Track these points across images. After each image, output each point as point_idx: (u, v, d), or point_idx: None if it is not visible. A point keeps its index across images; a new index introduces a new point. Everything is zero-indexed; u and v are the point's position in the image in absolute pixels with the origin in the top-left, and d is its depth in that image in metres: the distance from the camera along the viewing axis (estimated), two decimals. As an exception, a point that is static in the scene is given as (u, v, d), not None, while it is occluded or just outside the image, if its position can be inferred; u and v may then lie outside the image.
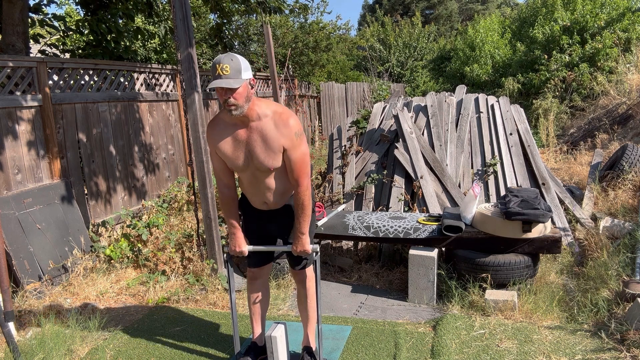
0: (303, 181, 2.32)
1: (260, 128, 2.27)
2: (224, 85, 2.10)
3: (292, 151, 2.28)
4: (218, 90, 2.17)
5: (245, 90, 2.18)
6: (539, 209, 3.34)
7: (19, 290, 3.64)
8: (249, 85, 2.20)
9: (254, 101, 2.25)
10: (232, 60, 2.14)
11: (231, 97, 2.14)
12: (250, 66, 2.24)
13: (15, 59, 4.05)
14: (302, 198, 2.34)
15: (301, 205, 2.35)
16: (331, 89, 12.07)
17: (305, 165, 2.33)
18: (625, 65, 9.82)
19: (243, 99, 2.17)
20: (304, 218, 2.38)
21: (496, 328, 3.03)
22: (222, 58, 2.14)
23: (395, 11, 25.31)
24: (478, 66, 13.13)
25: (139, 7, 6.50)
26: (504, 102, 5.34)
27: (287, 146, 2.27)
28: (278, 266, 3.93)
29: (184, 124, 6.16)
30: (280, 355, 2.52)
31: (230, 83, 2.11)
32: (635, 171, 5.00)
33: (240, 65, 2.15)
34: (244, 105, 2.19)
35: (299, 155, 2.30)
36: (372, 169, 4.98)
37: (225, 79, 2.11)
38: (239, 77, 2.14)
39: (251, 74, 2.22)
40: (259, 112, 2.27)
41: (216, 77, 2.13)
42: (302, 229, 2.40)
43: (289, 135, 2.26)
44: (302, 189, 2.33)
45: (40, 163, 4.25)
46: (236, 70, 2.13)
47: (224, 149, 2.34)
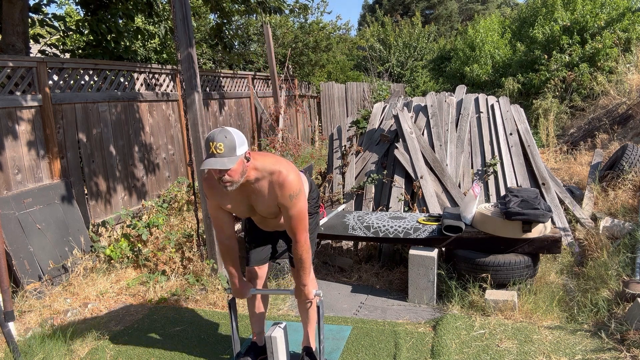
0: (300, 237, 2.30)
1: (258, 189, 2.28)
2: (218, 167, 2.04)
3: (288, 210, 2.27)
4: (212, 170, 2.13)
5: (241, 166, 2.12)
6: (539, 209, 3.34)
7: (19, 290, 3.64)
8: (244, 159, 2.14)
9: (250, 168, 2.21)
10: (227, 138, 2.06)
11: (226, 174, 2.10)
12: (245, 140, 2.17)
13: (15, 59, 4.05)
14: (300, 253, 2.33)
15: (300, 260, 2.35)
16: (331, 89, 12.07)
17: (302, 221, 2.29)
18: (625, 65, 9.82)
19: (238, 175, 2.13)
20: (303, 272, 2.39)
21: (496, 328, 3.03)
22: (216, 135, 2.06)
23: (395, 11, 25.30)
24: (478, 66, 13.13)
25: (139, 7, 6.50)
26: (504, 102, 5.34)
27: (282, 205, 2.27)
28: (278, 266, 3.93)
29: (184, 124, 6.16)
30: (280, 355, 2.52)
31: (225, 163, 2.05)
32: (635, 171, 5.00)
33: (235, 141, 2.08)
34: (239, 181, 2.15)
35: (295, 214, 2.27)
36: (372, 169, 4.98)
37: (219, 158, 2.05)
38: (233, 154, 2.07)
39: (247, 146, 2.16)
40: (256, 175, 2.25)
41: (209, 156, 2.07)
42: (304, 281, 2.42)
43: (284, 198, 2.24)
44: (299, 245, 2.32)
45: (40, 163, 4.24)
46: (230, 147, 2.06)
47: (226, 204, 2.37)
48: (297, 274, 2.40)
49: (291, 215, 2.27)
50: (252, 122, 8.71)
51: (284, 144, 8.48)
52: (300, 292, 2.46)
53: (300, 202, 2.28)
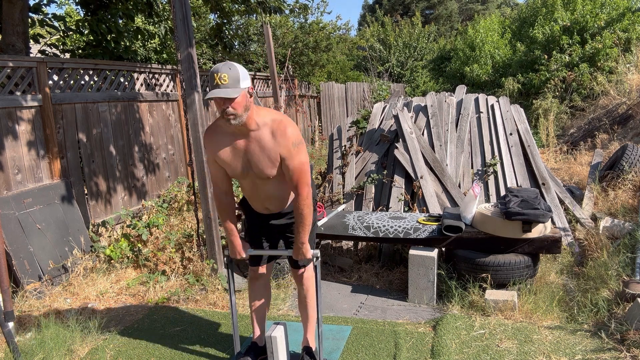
0: (302, 190, 2.29)
1: (259, 137, 2.25)
2: (222, 95, 2.07)
3: (290, 161, 2.25)
4: (216, 100, 2.14)
5: (244, 100, 2.14)
6: (539, 209, 3.34)
7: (19, 290, 3.64)
8: (247, 94, 2.17)
9: (252, 110, 2.22)
10: (231, 69, 2.11)
11: (229, 106, 2.11)
12: (249, 75, 2.21)
13: (15, 59, 4.05)
14: (302, 207, 2.31)
15: (301, 215, 2.33)
16: (331, 89, 12.06)
17: (304, 174, 2.29)
18: (625, 65, 9.82)
19: (242, 108, 2.14)
20: (303, 228, 2.36)
21: (496, 328, 3.03)
22: (220, 67, 2.11)
23: (395, 11, 25.30)
24: (478, 66, 13.12)
25: (139, 7, 6.50)
26: (504, 102, 5.34)
27: (285, 155, 2.24)
28: (278, 266, 3.93)
29: (184, 124, 6.16)
30: (280, 355, 2.52)
31: (229, 92, 2.08)
32: (635, 171, 5.00)
33: (239, 74, 2.12)
34: (242, 115, 2.16)
35: (297, 165, 2.26)
36: (372, 169, 4.98)
37: (223, 88, 2.08)
38: (237, 86, 2.11)
39: (250, 82, 2.20)
40: (258, 121, 2.24)
41: (214, 87, 2.10)
42: (302, 238, 2.39)
43: (286, 145, 2.23)
44: (301, 199, 2.30)
45: (40, 163, 4.25)
46: (235, 79, 2.10)
47: (223, 157, 2.33)
48: (297, 230, 2.38)
49: (293, 167, 2.26)
50: (252, 122, 8.68)
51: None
52: (299, 250, 2.42)
53: (302, 153, 2.28)
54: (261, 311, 2.77)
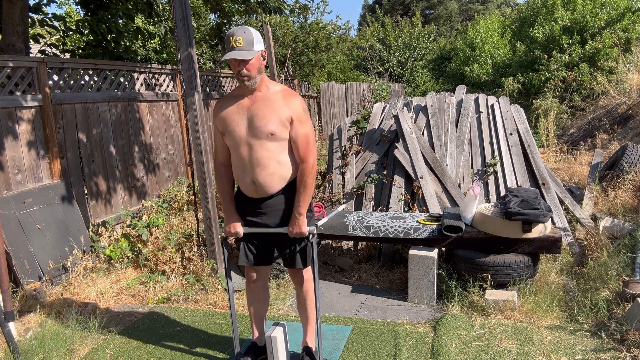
0: (309, 157, 2.36)
1: (267, 98, 2.34)
2: (237, 57, 2.18)
3: (300, 125, 2.33)
4: (232, 62, 2.25)
5: (258, 62, 2.26)
6: (539, 209, 3.34)
7: (19, 290, 3.64)
8: (261, 56, 2.28)
9: (264, 76, 2.33)
10: (245, 33, 2.22)
11: (244, 68, 2.22)
12: (262, 38, 2.32)
13: (15, 59, 4.05)
14: (306, 176, 2.35)
15: (304, 184, 2.35)
16: (331, 89, 12.06)
17: (312, 145, 2.37)
18: (625, 65, 9.81)
19: (255, 70, 2.25)
20: (304, 197, 2.36)
21: (496, 328, 3.03)
22: (236, 31, 2.22)
23: (395, 11, 25.30)
24: (478, 66, 13.12)
25: (139, 7, 6.50)
26: (504, 102, 5.34)
27: (295, 118, 2.32)
28: (278, 266, 3.93)
29: (184, 124, 6.16)
30: (280, 355, 2.52)
31: (244, 55, 2.19)
32: (635, 171, 5.00)
33: (253, 37, 2.23)
34: (256, 76, 2.27)
35: (307, 131, 2.35)
36: (372, 169, 4.98)
37: (238, 50, 2.20)
38: (251, 49, 2.22)
39: (263, 45, 2.31)
40: (269, 86, 2.36)
41: (230, 50, 2.21)
42: (300, 208, 2.37)
43: (297, 109, 2.32)
44: (307, 166, 2.35)
45: (40, 163, 4.24)
46: (249, 42, 2.21)
47: (225, 115, 2.38)
48: (297, 199, 2.37)
49: (304, 133, 2.34)
50: (252, 122, 8.69)
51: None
52: (295, 221, 2.38)
53: (310, 124, 2.39)
54: (261, 311, 2.76)
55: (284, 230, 2.43)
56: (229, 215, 2.51)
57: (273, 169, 2.36)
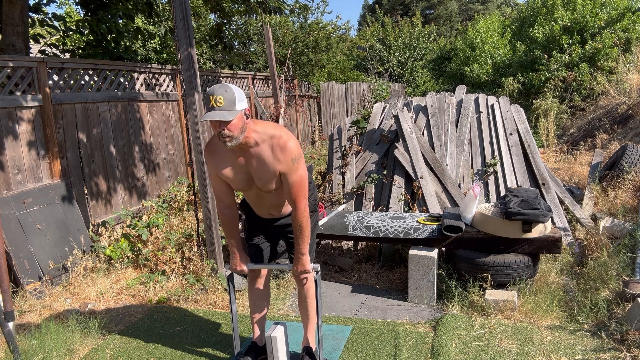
0: (300, 204, 2.31)
1: (258, 153, 2.26)
2: (217, 118, 2.05)
3: (289, 175, 2.26)
4: (212, 122, 2.12)
5: (240, 122, 2.13)
6: (539, 209, 3.34)
7: (19, 290, 3.64)
8: (243, 115, 2.15)
9: (250, 128, 2.21)
10: (226, 92, 2.09)
11: (225, 128, 2.10)
12: (245, 97, 2.19)
13: (15, 59, 4.05)
14: (300, 220, 2.33)
15: (299, 227, 2.34)
16: (331, 89, 12.06)
17: (303, 188, 2.31)
18: (625, 65, 9.81)
19: (238, 130, 2.13)
20: (302, 239, 2.37)
21: (496, 328, 3.03)
22: (216, 89, 2.09)
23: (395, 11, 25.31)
24: (478, 66, 13.12)
25: (139, 7, 6.50)
26: (504, 102, 5.34)
27: (284, 171, 2.26)
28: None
29: (184, 124, 6.16)
30: (280, 355, 2.52)
31: (224, 115, 2.06)
32: (635, 171, 5.00)
33: (235, 96, 2.10)
34: (239, 137, 2.15)
35: (296, 179, 2.28)
36: (372, 169, 4.98)
37: (219, 111, 2.07)
38: (233, 108, 2.09)
39: (246, 104, 2.18)
40: (256, 138, 2.24)
41: (210, 109, 2.08)
42: (302, 249, 2.40)
43: (286, 161, 2.24)
44: (299, 212, 2.32)
45: (40, 163, 4.25)
46: (230, 101, 2.09)
47: (225, 173, 2.35)
48: (296, 242, 2.39)
49: (292, 182, 2.28)
50: (252, 122, 8.69)
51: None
52: (298, 260, 2.42)
53: (301, 167, 2.30)
54: (261, 311, 2.77)
55: (288, 267, 2.53)
56: (235, 254, 2.52)
57: (284, 202, 2.49)
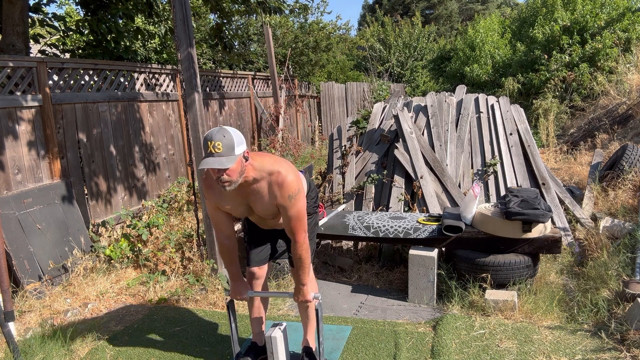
0: (299, 237, 2.30)
1: (256, 189, 2.28)
2: (216, 166, 2.03)
3: (287, 210, 2.26)
4: (211, 169, 2.12)
5: (239, 166, 2.11)
6: (539, 209, 3.34)
7: (19, 290, 3.64)
8: (243, 159, 2.13)
9: (249, 167, 2.20)
10: (225, 137, 2.06)
11: (224, 174, 2.09)
12: (244, 139, 2.17)
13: (15, 59, 4.05)
14: (300, 253, 2.33)
15: (299, 259, 2.34)
16: (331, 89, 12.06)
17: (301, 221, 2.29)
18: (625, 65, 9.81)
19: (237, 174, 2.12)
20: (303, 270, 2.38)
21: (496, 328, 3.03)
22: (214, 134, 2.06)
23: (395, 11, 25.31)
24: (478, 66, 13.12)
25: (139, 7, 6.50)
26: (504, 102, 5.34)
27: (281, 205, 2.27)
28: (278, 266, 3.93)
29: (184, 124, 6.16)
30: (280, 355, 2.52)
31: (223, 162, 2.04)
32: (635, 171, 4.99)
33: (233, 140, 2.07)
34: (237, 180, 2.14)
35: (294, 214, 2.26)
36: (372, 169, 4.98)
37: (217, 157, 2.04)
38: (232, 153, 2.06)
39: (245, 146, 2.16)
40: (254, 176, 2.24)
41: (208, 155, 2.06)
42: (303, 280, 2.41)
43: (283, 198, 2.23)
44: (298, 245, 2.31)
45: (40, 163, 4.24)
46: (229, 147, 2.05)
47: (225, 204, 2.36)
48: (297, 274, 2.40)
49: (290, 216, 2.27)
50: (252, 122, 8.71)
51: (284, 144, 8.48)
52: (299, 291, 2.45)
53: (299, 202, 2.27)
54: (260, 311, 2.77)
55: (289, 296, 2.55)
56: (235, 282, 2.54)
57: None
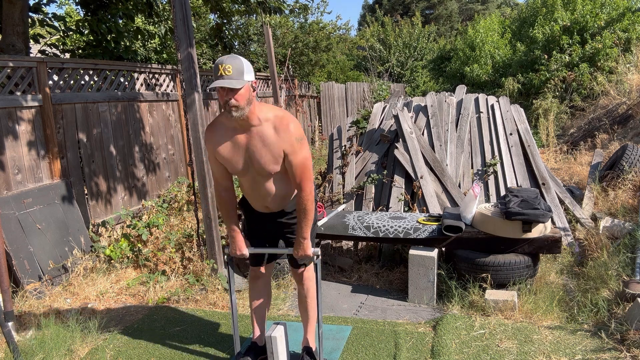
0: (306, 186, 2.30)
1: (261, 132, 2.25)
2: (226, 85, 2.08)
3: (293, 156, 2.26)
4: (219, 91, 2.14)
5: (247, 92, 2.15)
6: (539, 209, 3.34)
7: (19, 290, 3.64)
8: (251, 87, 2.17)
9: (255, 105, 2.21)
10: (235, 61, 2.12)
11: (232, 98, 2.11)
12: (253, 69, 2.22)
13: (15, 59, 4.05)
14: (305, 203, 2.32)
15: (303, 210, 2.33)
16: (331, 89, 12.06)
17: (308, 169, 2.30)
18: (625, 65, 9.82)
19: (244, 100, 2.14)
20: (306, 223, 2.36)
21: (496, 328, 3.03)
22: (225, 59, 2.12)
23: (395, 11, 25.31)
24: (478, 66, 13.12)
25: (139, 7, 6.50)
26: (504, 102, 5.34)
27: (288, 151, 2.25)
28: (278, 266, 3.93)
29: (184, 124, 6.16)
30: (280, 355, 2.52)
31: (233, 83, 2.09)
32: (635, 171, 5.00)
33: (243, 66, 2.14)
34: (245, 108, 2.16)
35: (300, 160, 2.27)
36: (372, 169, 4.98)
37: (227, 79, 2.09)
38: (241, 78, 2.12)
39: (254, 76, 2.21)
40: (260, 116, 2.24)
41: (218, 78, 2.11)
42: (304, 233, 2.38)
43: (289, 140, 2.23)
44: (304, 194, 2.30)
45: (40, 163, 4.24)
46: (239, 71, 2.12)
47: (223, 153, 2.32)
48: (299, 226, 2.37)
49: (297, 163, 2.27)
50: (252, 122, 8.69)
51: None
52: (300, 245, 2.41)
53: (305, 148, 2.29)
54: (261, 311, 2.77)
55: (289, 251, 2.48)
56: (234, 238, 2.50)
57: (282, 193, 2.43)
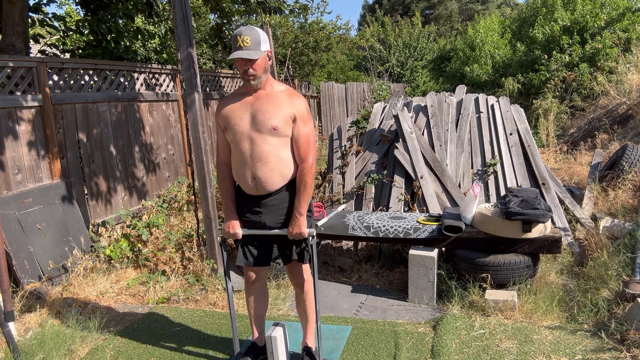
0: (309, 157, 2.37)
1: (272, 94, 2.37)
2: (244, 56, 2.22)
3: (302, 124, 2.35)
4: (238, 61, 2.28)
5: (264, 62, 2.30)
6: (539, 209, 3.34)
7: (19, 290, 3.64)
8: (267, 56, 2.32)
9: (269, 76, 2.38)
10: (252, 32, 2.26)
11: (250, 67, 2.26)
12: (268, 40, 2.35)
13: (15, 59, 4.05)
14: (306, 176, 2.36)
15: (303, 183, 2.37)
16: (331, 89, 12.06)
17: (313, 145, 2.40)
18: (625, 65, 9.82)
19: (261, 69, 2.29)
20: (304, 197, 2.37)
21: (496, 328, 3.03)
22: (243, 30, 2.25)
23: (395, 11, 25.31)
24: (478, 66, 13.13)
25: (139, 7, 6.50)
26: (504, 102, 5.34)
27: (298, 117, 2.34)
28: (278, 266, 3.93)
29: (184, 124, 6.16)
30: (280, 355, 2.52)
31: (251, 54, 2.23)
32: (635, 171, 5.00)
33: (260, 37, 2.27)
34: (262, 76, 2.31)
35: (308, 131, 2.38)
36: (372, 169, 4.98)
37: (245, 50, 2.23)
38: (258, 48, 2.26)
39: (269, 46, 2.35)
40: (273, 85, 2.40)
41: (237, 49, 2.25)
42: (301, 208, 2.37)
43: (301, 108, 2.35)
44: (307, 165, 2.37)
45: (41, 163, 4.24)
46: (256, 42, 2.25)
47: (228, 111, 2.40)
48: (297, 200, 2.37)
49: (305, 133, 2.36)
50: (252, 122, 8.70)
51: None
52: (295, 221, 2.37)
53: (311, 124, 2.41)
54: (260, 311, 2.76)
55: (284, 232, 2.43)
56: (228, 214, 2.50)
57: (274, 165, 2.36)
